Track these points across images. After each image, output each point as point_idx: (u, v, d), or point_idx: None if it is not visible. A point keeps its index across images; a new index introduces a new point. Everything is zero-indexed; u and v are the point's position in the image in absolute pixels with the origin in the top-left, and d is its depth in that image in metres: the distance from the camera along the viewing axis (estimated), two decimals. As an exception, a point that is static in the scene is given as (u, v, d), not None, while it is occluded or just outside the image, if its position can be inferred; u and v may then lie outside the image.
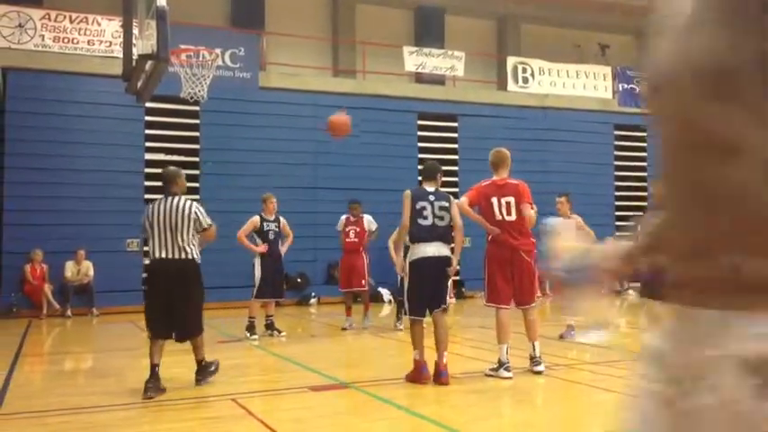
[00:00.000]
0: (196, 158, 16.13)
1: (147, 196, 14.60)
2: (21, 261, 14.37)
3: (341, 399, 6.41)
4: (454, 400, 6.30)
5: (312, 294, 16.35)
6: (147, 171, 15.39)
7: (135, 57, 8.52)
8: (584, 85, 20.40)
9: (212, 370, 7.00)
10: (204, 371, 6.91)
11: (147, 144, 15.73)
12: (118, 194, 15.09)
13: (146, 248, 8.84)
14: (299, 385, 6.80)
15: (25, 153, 14.67)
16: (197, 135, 16.27)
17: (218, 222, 7.31)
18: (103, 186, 15.08)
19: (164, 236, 6.64)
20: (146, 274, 7.56)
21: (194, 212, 6.75)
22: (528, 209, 7.11)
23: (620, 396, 6.28)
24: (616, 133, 20.54)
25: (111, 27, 15.17)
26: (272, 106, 16.72)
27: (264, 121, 16.58)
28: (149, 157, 15.58)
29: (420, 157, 17.24)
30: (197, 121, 16.22)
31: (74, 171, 15.00)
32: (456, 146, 18.56)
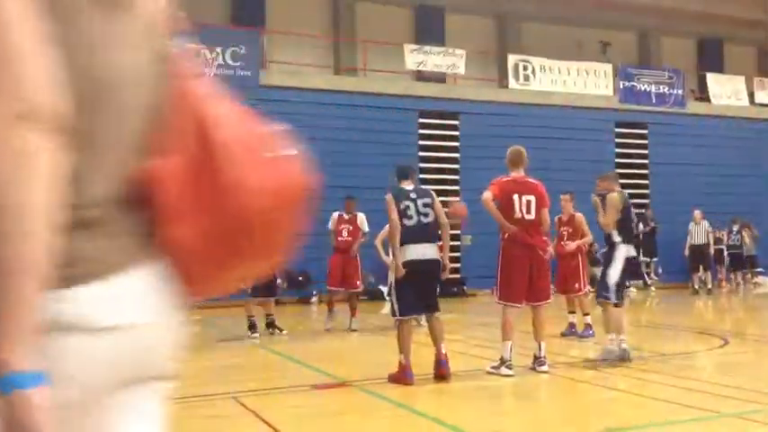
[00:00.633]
0: (197, 157, 16.10)
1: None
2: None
3: (342, 397, 6.39)
4: (455, 397, 6.29)
5: (313, 293, 16.34)
6: (147, 170, 15.36)
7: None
8: (585, 82, 20.37)
9: None
10: None
11: (148, 143, 15.70)
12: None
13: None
14: (300, 383, 6.79)
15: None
16: (198, 134, 16.25)
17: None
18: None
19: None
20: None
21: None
22: (547, 214, 7.20)
23: (622, 394, 6.28)
24: (617, 131, 20.51)
25: (111, 26, 15.16)
26: (273, 104, 16.69)
27: (265, 119, 16.52)
28: (150, 155, 15.56)
29: (421, 155, 17.22)
30: (198, 120, 16.20)
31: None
32: (457, 144, 18.54)
